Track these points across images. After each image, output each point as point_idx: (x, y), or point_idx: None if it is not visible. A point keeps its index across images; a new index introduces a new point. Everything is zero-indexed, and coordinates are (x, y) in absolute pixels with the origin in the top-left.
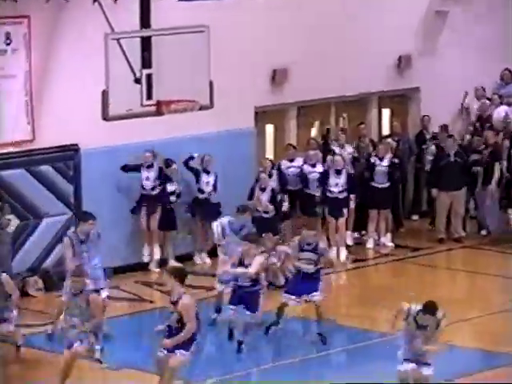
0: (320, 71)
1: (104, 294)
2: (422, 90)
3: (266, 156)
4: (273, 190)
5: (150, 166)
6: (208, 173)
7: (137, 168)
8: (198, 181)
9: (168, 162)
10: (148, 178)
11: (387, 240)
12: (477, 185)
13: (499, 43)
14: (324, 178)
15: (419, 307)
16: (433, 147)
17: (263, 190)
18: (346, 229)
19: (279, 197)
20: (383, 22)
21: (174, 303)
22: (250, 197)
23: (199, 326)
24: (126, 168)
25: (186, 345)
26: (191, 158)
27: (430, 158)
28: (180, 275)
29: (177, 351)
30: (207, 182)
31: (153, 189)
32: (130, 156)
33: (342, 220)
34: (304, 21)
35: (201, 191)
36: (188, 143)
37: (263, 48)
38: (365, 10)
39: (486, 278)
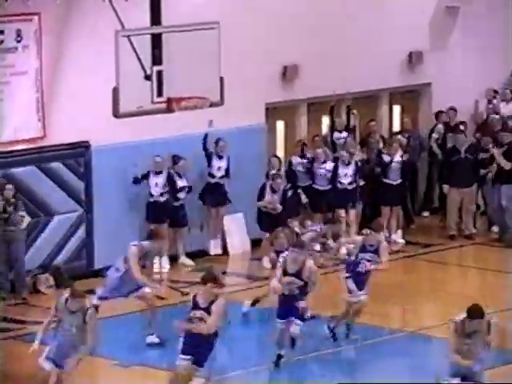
0: (331, 67)
1: (147, 289)
2: (433, 86)
3: (277, 153)
4: (284, 191)
5: (158, 173)
6: (221, 158)
7: (146, 176)
8: (209, 165)
9: (175, 159)
10: (157, 184)
11: (398, 237)
12: (486, 182)
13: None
14: (334, 173)
15: (464, 315)
16: (440, 126)
17: (275, 191)
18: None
19: (297, 190)
20: (394, 18)
21: (206, 308)
22: (260, 197)
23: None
24: (135, 181)
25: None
26: (205, 136)
27: (435, 136)
28: (214, 278)
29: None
30: (219, 167)
31: (161, 195)
32: (140, 153)
33: (353, 212)
34: (315, 17)
35: (211, 176)
36: (198, 140)
37: (274, 44)
38: (377, 6)
39: (497, 275)
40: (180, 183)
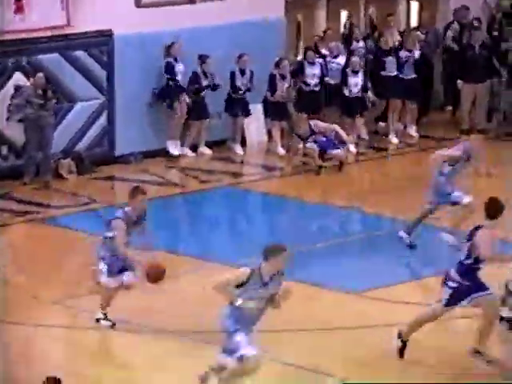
0: None
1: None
2: None
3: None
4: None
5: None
6: (243, 73)
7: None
8: (233, 81)
9: (203, 58)
10: (180, 70)
11: (412, 130)
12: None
13: None
14: (344, 73)
15: None
16: (455, 24)
17: (284, 77)
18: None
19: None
20: None
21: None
22: (271, 87)
23: None
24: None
25: None
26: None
27: (451, 34)
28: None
29: None
30: (242, 84)
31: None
32: (162, 44)
33: (361, 119)
34: None
35: (235, 91)
36: (218, 31)
37: None
38: None
39: (510, 168)
40: (205, 82)
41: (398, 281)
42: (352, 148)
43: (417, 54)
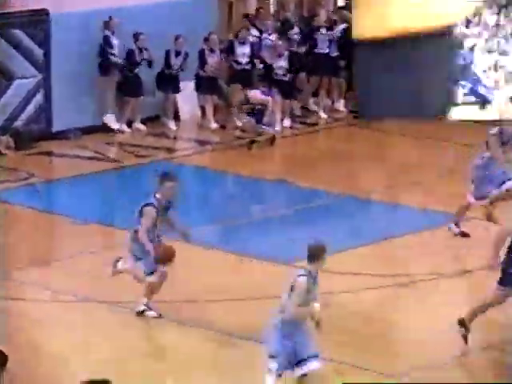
0: None
1: None
2: None
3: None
4: (221, 52)
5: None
6: (178, 54)
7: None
8: (167, 59)
9: (136, 36)
10: (117, 45)
11: (340, 105)
12: None
13: None
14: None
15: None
16: None
17: (213, 51)
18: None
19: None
20: None
21: None
22: (201, 62)
23: None
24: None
25: None
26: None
27: None
28: None
29: None
30: (175, 63)
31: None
32: (99, 22)
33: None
34: None
35: (168, 67)
36: (151, 10)
37: None
38: None
39: (438, 145)
40: (138, 58)
41: (332, 251)
42: (286, 123)
43: (339, 31)
